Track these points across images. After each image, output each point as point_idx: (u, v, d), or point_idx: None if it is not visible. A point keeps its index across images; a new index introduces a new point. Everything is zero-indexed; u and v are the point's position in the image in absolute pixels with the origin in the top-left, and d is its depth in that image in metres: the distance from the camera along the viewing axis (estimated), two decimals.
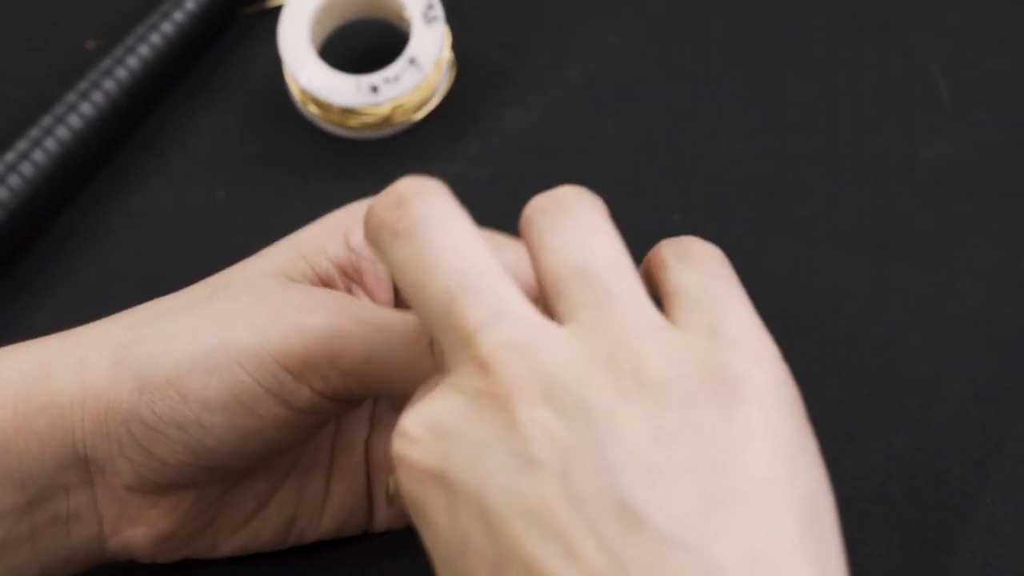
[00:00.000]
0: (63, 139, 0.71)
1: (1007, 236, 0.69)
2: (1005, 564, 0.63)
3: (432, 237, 0.48)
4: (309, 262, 0.58)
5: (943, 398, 0.66)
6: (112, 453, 0.56)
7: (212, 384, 0.54)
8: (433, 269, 0.48)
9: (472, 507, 0.45)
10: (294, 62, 0.72)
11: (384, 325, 0.55)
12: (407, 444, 0.46)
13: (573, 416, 0.44)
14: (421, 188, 0.50)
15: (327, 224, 0.60)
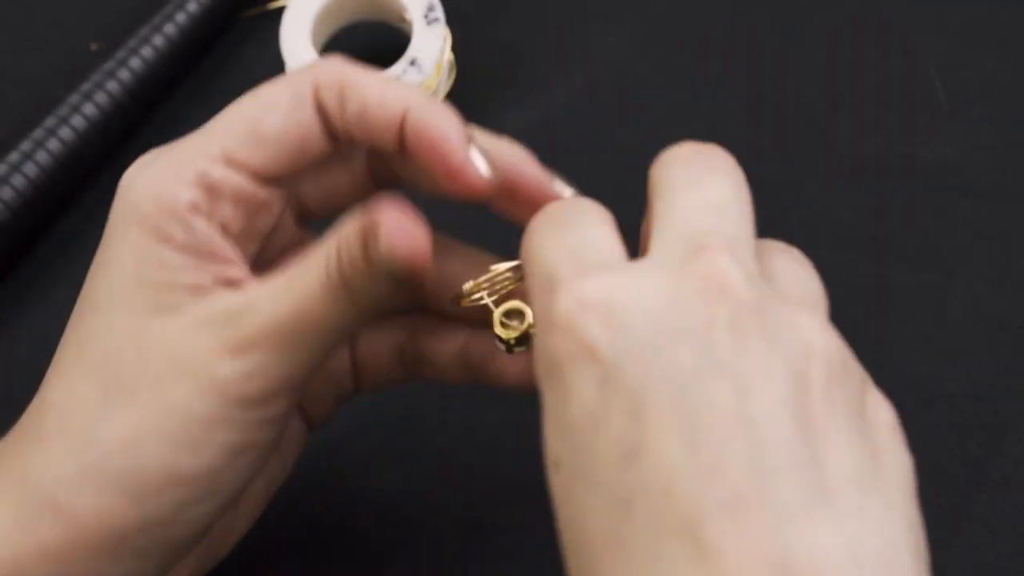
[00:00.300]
0: (66, 140, 0.71)
1: (1005, 236, 0.69)
2: (1004, 564, 0.63)
3: None
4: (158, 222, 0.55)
5: (942, 398, 0.66)
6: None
7: (203, 455, 0.53)
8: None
9: (627, 398, 0.44)
10: (296, 64, 0.72)
11: (296, 316, 0.54)
12: (585, 312, 0.45)
13: (767, 337, 0.44)
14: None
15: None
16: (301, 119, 0.55)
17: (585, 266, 0.47)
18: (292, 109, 0.55)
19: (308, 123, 0.55)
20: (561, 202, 0.52)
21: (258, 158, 0.55)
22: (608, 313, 0.45)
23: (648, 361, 0.44)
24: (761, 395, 0.43)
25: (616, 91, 0.74)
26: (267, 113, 0.55)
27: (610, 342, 0.44)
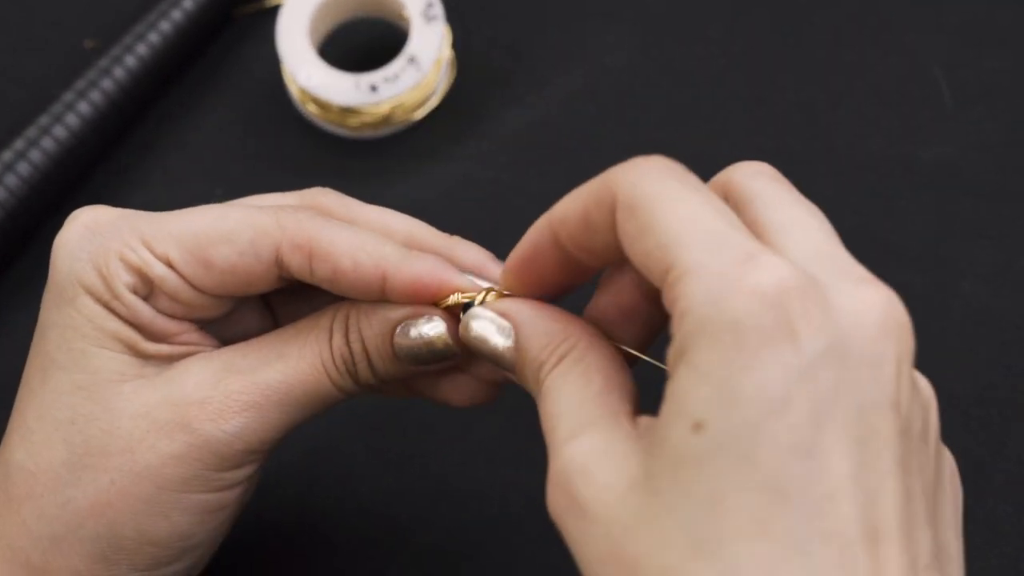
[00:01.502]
0: (61, 138, 0.71)
1: (1007, 236, 0.69)
2: (1007, 564, 0.63)
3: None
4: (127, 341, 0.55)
5: (944, 399, 0.66)
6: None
7: (174, 519, 0.54)
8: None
9: (814, 401, 0.44)
10: (293, 61, 0.72)
11: (281, 387, 0.54)
12: (794, 297, 0.44)
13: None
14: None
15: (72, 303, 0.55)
16: (254, 265, 0.54)
17: (763, 248, 0.46)
18: (247, 252, 0.53)
19: (260, 269, 0.54)
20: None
21: (200, 279, 0.54)
22: (824, 310, 0.44)
23: (842, 377, 0.44)
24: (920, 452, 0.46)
25: (615, 90, 0.73)
26: (221, 244, 0.53)
27: (817, 340, 0.44)
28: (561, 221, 0.49)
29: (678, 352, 0.44)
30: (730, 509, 0.43)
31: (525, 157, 0.72)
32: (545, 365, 0.50)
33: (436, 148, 0.73)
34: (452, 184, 0.72)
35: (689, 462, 0.43)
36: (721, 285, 0.44)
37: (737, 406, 0.43)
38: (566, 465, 0.46)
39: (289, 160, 0.73)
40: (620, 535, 0.44)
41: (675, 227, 0.45)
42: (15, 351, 0.70)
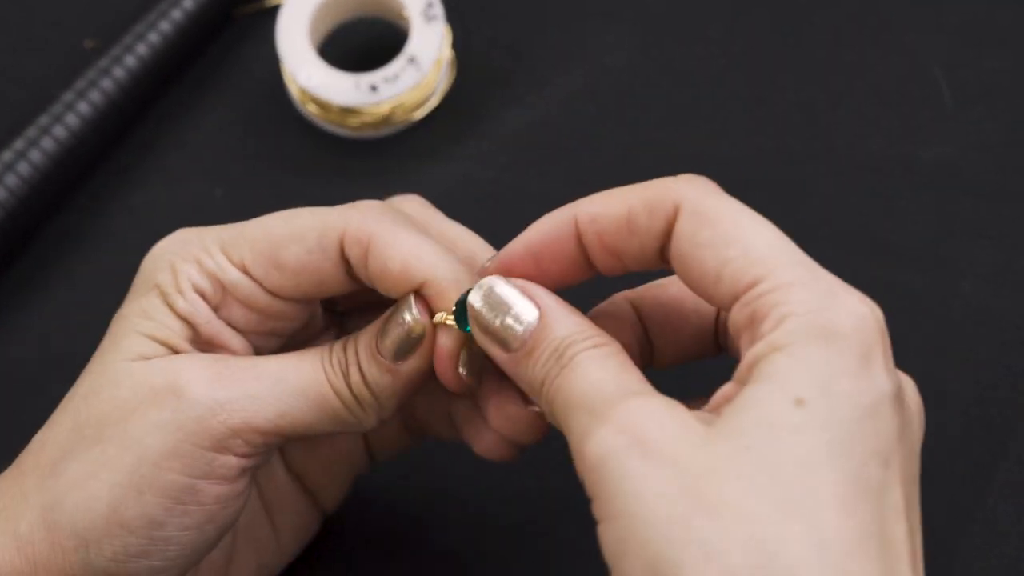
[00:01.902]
0: (61, 138, 0.71)
1: (1008, 236, 0.69)
2: (1009, 565, 0.63)
3: None
4: (163, 346, 0.56)
5: (945, 399, 0.66)
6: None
7: (149, 502, 0.53)
8: None
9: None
10: (293, 61, 0.71)
11: (279, 376, 0.55)
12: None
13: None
14: None
15: (139, 302, 0.57)
16: (322, 261, 0.55)
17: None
18: (315, 248, 0.55)
19: (328, 266, 0.55)
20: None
21: (272, 280, 0.55)
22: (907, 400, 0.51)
23: (903, 420, 0.49)
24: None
25: (615, 90, 0.73)
26: (291, 244, 0.55)
27: (891, 380, 0.49)
28: (592, 218, 0.52)
29: (775, 345, 0.48)
30: (821, 480, 0.46)
31: (525, 157, 0.72)
32: (577, 344, 0.51)
33: (436, 148, 0.73)
34: (452, 184, 0.72)
35: (787, 430, 0.47)
36: (829, 300, 0.49)
37: (837, 399, 0.47)
38: (635, 411, 0.48)
39: (289, 160, 0.73)
40: (697, 479, 0.46)
41: (765, 242, 0.50)
42: (15, 351, 0.70)
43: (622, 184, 0.71)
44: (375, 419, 0.55)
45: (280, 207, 0.71)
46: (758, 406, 0.47)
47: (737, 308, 0.49)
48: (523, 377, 0.53)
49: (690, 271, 0.51)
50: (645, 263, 0.53)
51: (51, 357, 0.69)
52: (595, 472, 0.48)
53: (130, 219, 0.72)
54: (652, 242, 0.52)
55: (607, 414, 0.48)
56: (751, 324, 0.49)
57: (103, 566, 0.54)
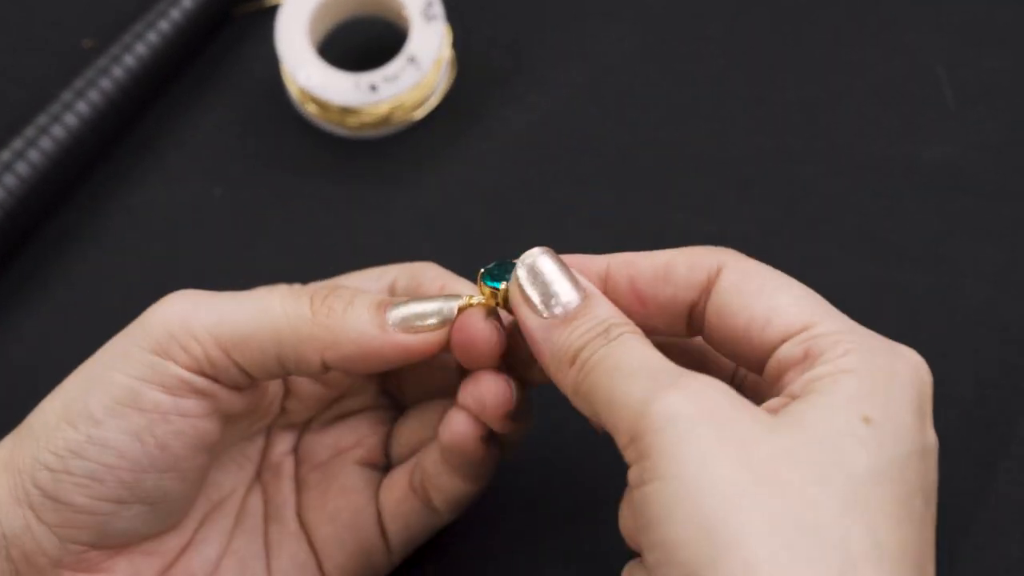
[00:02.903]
0: (59, 138, 0.71)
1: (1009, 235, 0.69)
2: (1010, 564, 0.63)
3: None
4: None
5: (947, 398, 0.66)
6: (28, 522, 0.55)
7: (94, 398, 0.55)
8: None
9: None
10: (292, 60, 0.71)
11: (232, 293, 0.56)
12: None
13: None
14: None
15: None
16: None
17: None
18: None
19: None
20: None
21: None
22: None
23: (936, 475, 0.52)
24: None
25: (616, 90, 0.73)
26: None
27: (933, 434, 0.52)
28: (629, 263, 0.55)
29: (841, 369, 0.51)
30: (879, 492, 0.48)
31: (525, 157, 0.72)
32: (621, 326, 0.53)
33: (436, 148, 0.73)
34: (452, 184, 0.72)
35: (854, 439, 0.49)
36: (889, 347, 0.52)
37: (900, 428, 0.50)
38: (705, 385, 0.50)
39: (288, 160, 0.73)
40: (765, 458, 0.48)
41: (811, 298, 0.53)
42: (14, 350, 0.70)
43: (622, 182, 0.72)
44: (320, 349, 0.55)
45: (279, 207, 0.72)
46: (826, 413, 0.50)
47: (788, 346, 0.52)
48: (556, 342, 0.53)
49: (733, 318, 0.53)
50: (670, 315, 0.55)
51: (50, 357, 0.69)
52: (660, 432, 0.49)
53: (129, 219, 0.72)
54: (687, 294, 0.54)
55: (677, 382, 0.50)
56: (806, 358, 0.51)
57: (47, 460, 0.55)
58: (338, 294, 0.56)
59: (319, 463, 0.62)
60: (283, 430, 0.62)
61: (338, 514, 0.60)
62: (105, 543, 0.56)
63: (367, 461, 0.61)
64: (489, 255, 0.70)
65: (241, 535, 0.60)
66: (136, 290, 0.70)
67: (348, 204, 0.72)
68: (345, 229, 0.71)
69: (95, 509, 0.55)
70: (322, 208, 0.72)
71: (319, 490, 0.61)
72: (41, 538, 0.55)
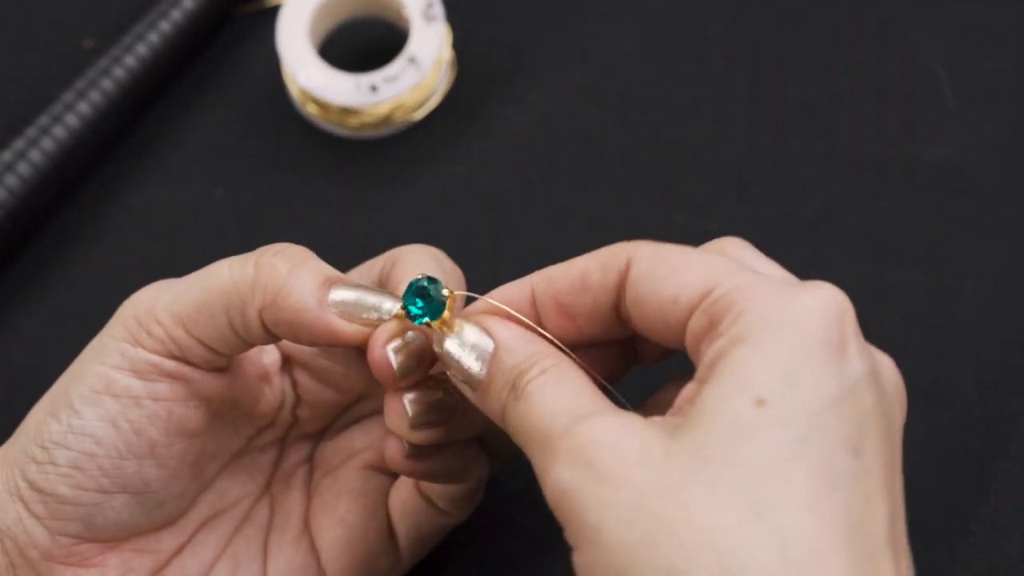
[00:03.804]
0: (60, 139, 0.71)
1: (1010, 236, 0.69)
2: (1011, 564, 0.63)
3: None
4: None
5: (947, 398, 0.66)
6: (19, 516, 0.56)
7: (72, 389, 0.56)
8: None
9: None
10: (293, 61, 0.71)
11: (190, 276, 0.56)
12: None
13: None
14: None
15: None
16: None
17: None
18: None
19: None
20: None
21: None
22: (863, 338, 0.51)
23: (878, 400, 0.49)
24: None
25: (616, 90, 0.73)
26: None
27: (863, 362, 0.49)
28: (549, 280, 0.54)
29: (736, 338, 0.48)
30: (784, 481, 0.46)
31: (525, 157, 0.72)
32: (526, 374, 0.52)
33: (436, 148, 0.73)
34: (452, 184, 0.72)
35: (747, 433, 0.47)
36: (788, 292, 0.49)
37: (800, 392, 0.47)
38: (585, 438, 0.48)
39: (289, 160, 0.73)
40: (657, 499, 0.46)
41: (717, 261, 0.51)
42: (14, 350, 0.70)
43: (622, 183, 0.72)
44: (257, 307, 0.55)
45: (280, 208, 0.72)
46: (717, 409, 0.47)
47: (695, 318, 0.50)
48: (487, 411, 0.53)
49: (647, 305, 0.51)
50: (599, 321, 0.54)
51: (50, 357, 0.69)
52: (558, 507, 0.48)
53: (130, 219, 0.72)
54: (605, 296, 0.53)
55: (559, 447, 0.48)
56: (710, 327, 0.49)
57: (35, 453, 0.56)
58: (287, 254, 0.55)
59: (331, 468, 0.62)
60: (298, 441, 0.62)
61: (346, 516, 0.60)
62: (94, 535, 0.57)
63: (377, 465, 0.61)
64: (489, 255, 0.70)
65: (240, 540, 0.60)
66: (136, 290, 0.70)
67: (348, 204, 0.72)
68: (345, 229, 0.71)
69: (79, 499, 0.56)
70: (322, 208, 0.72)
71: (330, 494, 0.61)
72: (32, 530, 0.56)
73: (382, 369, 0.54)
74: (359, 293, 0.55)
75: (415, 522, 0.60)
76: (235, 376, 0.58)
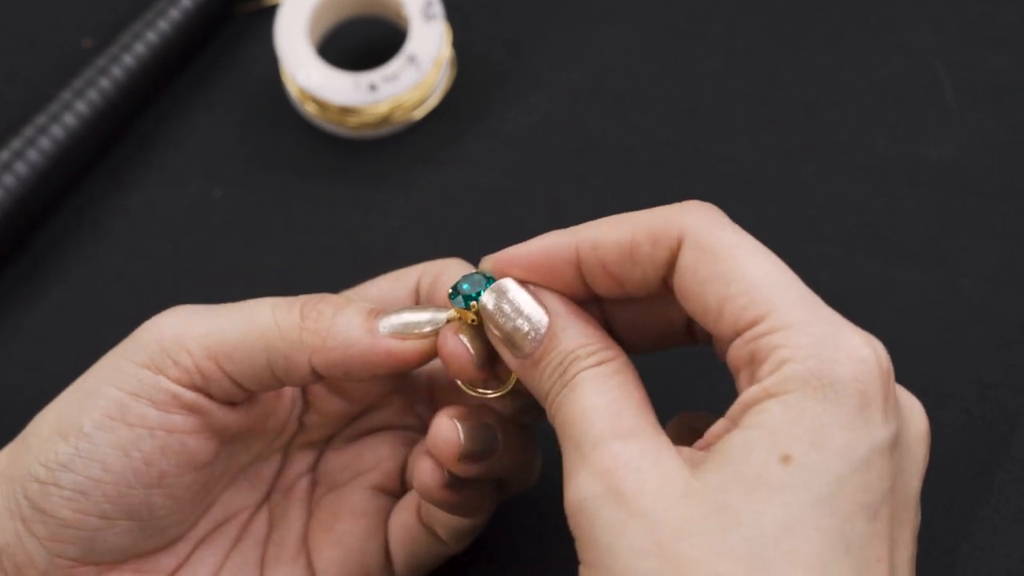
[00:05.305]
0: (58, 138, 0.71)
1: (1010, 235, 0.69)
2: (1011, 564, 0.63)
3: None
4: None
5: (947, 398, 0.66)
6: (19, 534, 0.55)
7: (84, 411, 0.55)
8: None
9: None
10: (292, 60, 0.71)
11: (225, 306, 0.56)
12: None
13: None
14: None
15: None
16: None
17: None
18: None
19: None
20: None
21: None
22: (894, 396, 0.50)
23: (901, 463, 0.50)
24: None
25: (617, 89, 0.73)
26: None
27: (893, 422, 0.49)
28: (595, 245, 0.52)
29: (771, 391, 0.48)
30: (800, 541, 0.46)
31: (525, 156, 0.72)
32: (581, 361, 0.51)
33: (436, 148, 0.73)
34: (452, 184, 0.72)
35: (769, 488, 0.47)
36: (830, 344, 0.48)
37: (827, 453, 0.47)
38: (615, 458, 0.48)
39: (288, 160, 0.73)
40: (671, 535, 0.46)
41: (765, 280, 0.49)
42: (12, 351, 0.70)
43: (622, 182, 0.71)
44: (308, 353, 0.55)
45: (279, 208, 0.72)
46: (742, 458, 0.47)
47: (738, 344, 0.50)
48: (532, 386, 0.53)
49: (693, 305, 0.51)
50: (647, 291, 0.53)
51: (50, 357, 0.69)
52: (574, 516, 0.48)
53: (128, 219, 0.72)
54: (656, 271, 0.52)
55: (590, 456, 0.49)
56: (750, 364, 0.49)
57: (38, 472, 0.55)
58: (329, 300, 0.56)
59: (334, 485, 0.61)
60: (302, 449, 0.61)
61: (344, 538, 0.60)
62: (93, 559, 0.56)
63: (382, 487, 0.61)
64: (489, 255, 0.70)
65: (237, 556, 0.60)
66: (136, 290, 0.70)
67: (348, 204, 0.72)
68: (344, 229, 0.71)
69: (82, 524, 0.55)
70: (321, 208, 0.72)
71: (329, 511, 0.60)
72: (31, 550, 0.55)
73: (459, 358, 0.54)
74: (406, 315, 0.55)
75: (413, 549, 0.60)
76: (251, 407, 0.58)
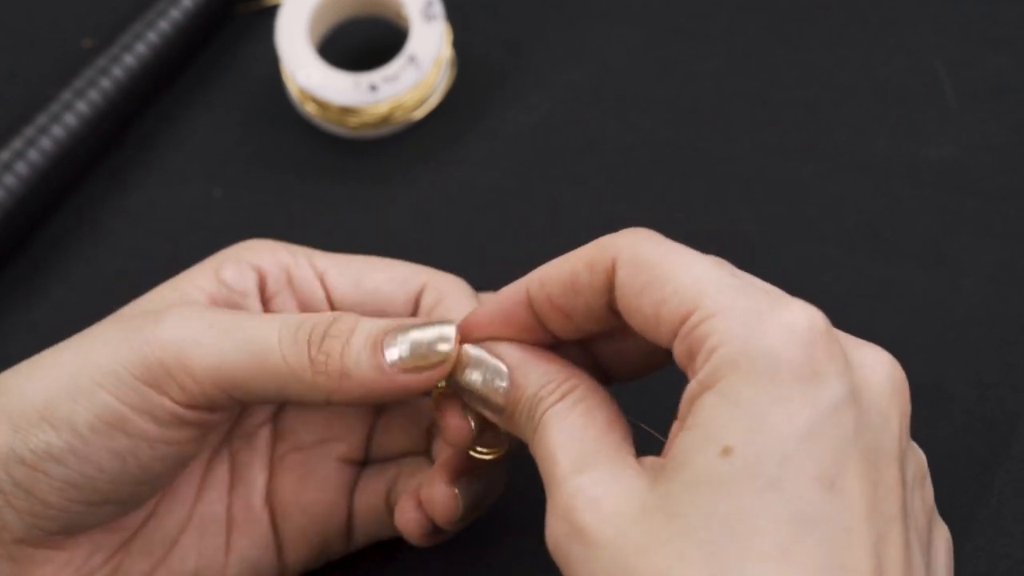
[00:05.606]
0: (58, 138, 0.71)
1: (1011, 235, 0.69)
2: (1012, 564, 0.63)
3: None
4: (181, 296, 0.58)
5: (948, 398, 0.66)
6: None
7: (79, 410, 0.54)
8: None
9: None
10: (292, 60, 0.71)
11: (232, 327, 0.55)
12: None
13: None
14: None
15: (198, 265, 0.60)
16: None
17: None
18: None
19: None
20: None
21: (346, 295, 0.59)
22: (843, 357, 0.49)
23: (859, 422, 0.48)
24: None
25: (616, 90, 0.73)
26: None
27: (840, 383, 0.48)
28: (541, 283, 0.53)
29: (705, 383, 0.47)
30: (754, 532, 0.45)
31: (526, 156, 0.72)
32: (544, 401, 0.52)
33: (436, 148, 0.73)
34: (452, 184, 0.72)
35: (713, 485, 0.46)
36: (756, 321, 0.47)
37: (767, 434, 0.46)
38: (572, 496, 0.49)
39: (288, 160, 0.73)
40: (632, 557, 0.46)
41: (694, 276, 0.49)
42: (12, 351, 0.70)
43: (622, 182, 0.71)
44: (324, 395, 0.55)
45: (280, 208, 0.72)
46: (687, 460, 0.47)
47: (677, 344, 0.49)
48: (519, 436, 0.54)
49: (636, 319, 0.51)
50: (596, 321, 0.53)
51: None
52: (553, 556, 0.49)
53: (128, 219, 0.72)
54: (597, 298, 0.52)
55: (555, 496, 0.49)
56: (690, 360, 0.49)
57: (23, 455, 0.54)
58: (333, 333, 0.55)
59: (300, 446, 0.61)
60: None
61: (310, 507, 0.60)
62: (71, 532, 0.56)
63: (349, 458, 0.61)
64: (489, 255, 0.70)
65: (203, 508, 0.60)
66: (136, 290, 0.70)
67: (348, 204, 0.72)
68: (345, 229, 0.71)
69: (67, 508, 0.55)
70: (321, 208, 0.72)
71: (296, 476, 0.60)
72: (9, 519, 0.55)
73: (462, 430, 0.55)
74: (412, 333, 0.55)
75: (376, 530, 0.60)
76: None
